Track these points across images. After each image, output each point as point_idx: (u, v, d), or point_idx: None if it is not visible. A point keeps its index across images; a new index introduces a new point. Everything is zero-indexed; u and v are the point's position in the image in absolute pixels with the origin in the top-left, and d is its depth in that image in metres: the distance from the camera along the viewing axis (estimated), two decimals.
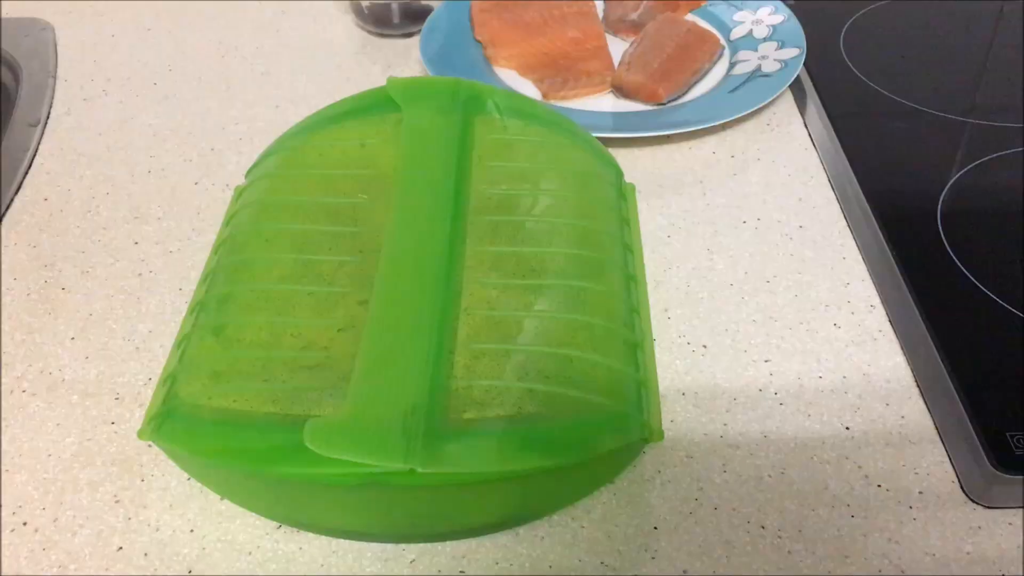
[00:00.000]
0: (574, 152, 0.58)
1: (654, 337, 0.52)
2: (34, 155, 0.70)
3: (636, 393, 0.46)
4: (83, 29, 0.86)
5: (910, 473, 0.48)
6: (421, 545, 0.45)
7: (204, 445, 0.40)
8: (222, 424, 0.40)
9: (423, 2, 0.84)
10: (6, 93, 0.80)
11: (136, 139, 0.72)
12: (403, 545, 0.45)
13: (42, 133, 0.73)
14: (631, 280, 0.52)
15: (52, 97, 0.77)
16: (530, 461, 0.39)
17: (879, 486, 0.48)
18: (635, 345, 0.48)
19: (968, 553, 0.45)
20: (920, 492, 0.47)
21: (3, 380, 0.54)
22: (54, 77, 0.79)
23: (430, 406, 0.40)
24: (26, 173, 0.69)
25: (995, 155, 0.67)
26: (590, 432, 0.42)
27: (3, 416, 0.52)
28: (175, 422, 0.41)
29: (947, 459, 0.49)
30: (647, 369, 0.48)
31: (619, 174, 0.59)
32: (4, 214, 0.65)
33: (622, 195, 0.58)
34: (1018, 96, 0.73)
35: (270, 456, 0.39)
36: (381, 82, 0.58)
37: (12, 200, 0.66)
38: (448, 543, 0.45)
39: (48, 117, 0.75)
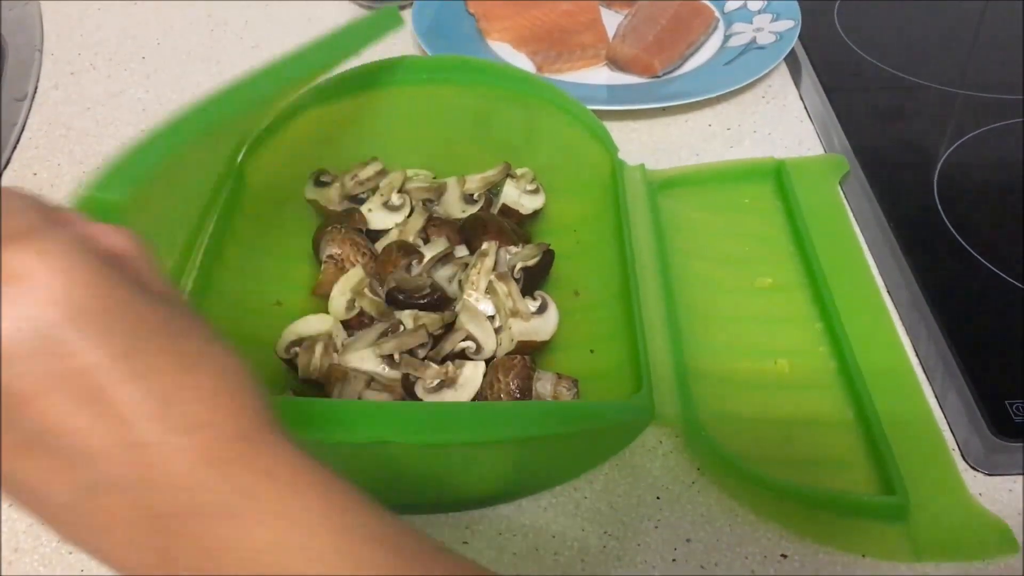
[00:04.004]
0: (567, 126, 0.58)
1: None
2: (22, 129, 0.69)
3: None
4: (69, 3, 0.84)
5: None
6: (424, 516, 0.45)
7: None
8: None
9: None
10: None
11: (125, 113, 0.71)
12: (406, 516, 0.45)
13: (29, 107, 0.72)
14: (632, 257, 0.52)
15: (39, 71, 0.76)
16: (539, 428, 0.39)
17: None
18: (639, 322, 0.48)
19: None
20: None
21: None
22: (40, 51, 0.78)
23: None
24: (14, 147, 0.68)
25: (989, 126, 0.67)
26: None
27: None
28: None
29: (947, 427, 0.49)
30: (653, 344, 0.48)
31: (614, 149, 0.59)
32: None
33: (616, 170, 0.57)
34: (1011, 68, 0.73)
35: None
36: (373, 57, 0.57)
37: (0, 175, 0.65)
38: (451, 514, 0.45)
39: (35, 92, 0.74)
